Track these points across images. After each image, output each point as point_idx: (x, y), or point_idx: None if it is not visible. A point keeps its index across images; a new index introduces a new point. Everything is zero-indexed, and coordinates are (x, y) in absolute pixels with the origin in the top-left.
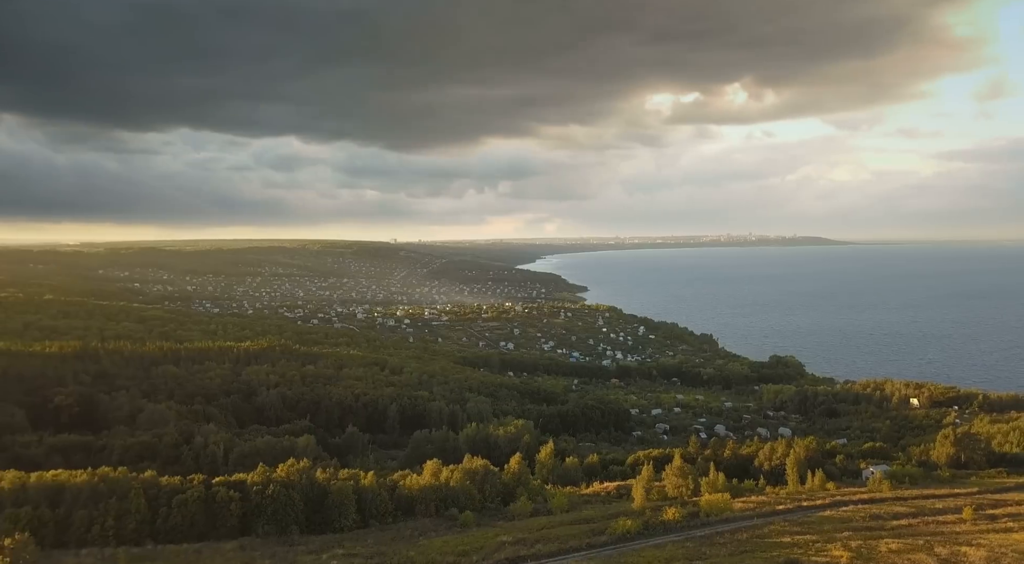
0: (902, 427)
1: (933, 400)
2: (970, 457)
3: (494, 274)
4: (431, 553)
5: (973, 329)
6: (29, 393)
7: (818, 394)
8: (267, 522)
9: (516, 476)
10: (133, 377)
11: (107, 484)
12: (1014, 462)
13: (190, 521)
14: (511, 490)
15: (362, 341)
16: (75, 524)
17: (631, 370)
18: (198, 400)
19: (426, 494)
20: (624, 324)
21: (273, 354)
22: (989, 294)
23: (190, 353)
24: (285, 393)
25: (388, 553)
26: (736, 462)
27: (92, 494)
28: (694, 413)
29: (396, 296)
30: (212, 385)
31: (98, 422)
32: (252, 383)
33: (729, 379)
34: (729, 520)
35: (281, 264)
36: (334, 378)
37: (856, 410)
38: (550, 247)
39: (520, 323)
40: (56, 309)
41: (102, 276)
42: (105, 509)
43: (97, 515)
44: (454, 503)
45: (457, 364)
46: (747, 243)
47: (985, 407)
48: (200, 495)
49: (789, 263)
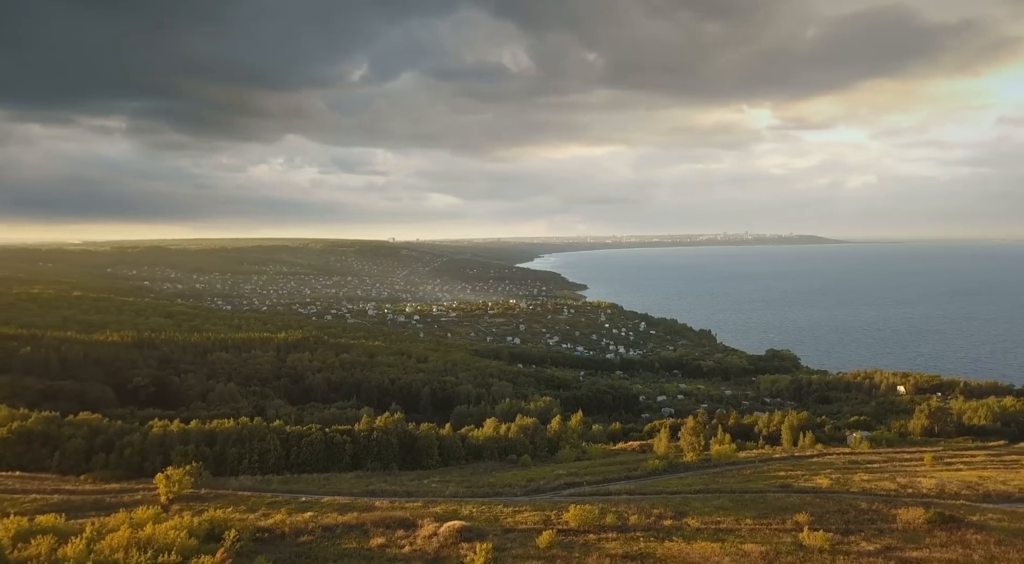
0: (888, 410)
1: (918, 387)
2: (942, 428)
3: (495, 272)
4: (505, 480)
5: (964, 324)
6: (109, 375)
7: (812, 382)
8: (373, 459)
9: (558, 433)
10: (192, 363)
11: (248, 430)
12: (979, 432)
13: (315, 457)
14: (555, 443)
15: (379, 335)
16: (229, 458)
17: (634, 363)
18: (254, 382)
19: (490, 443)
20: (625, 320)
21: (308, 344)
22: (981, 291)
23: (236, 343)
24: (329, 377)
25: (471, 480)
26: (739, 429)
27: (238, 437)
28: (696, 399)
29: (400, 294)
30: (264, 370)
31: (170, 400)
32: (298, 368)
33: (728, 371)
34: (735, 463)
35: (286, 263)
36: (368, 365)
37: (847, 396)
38: (548, 246)
39: (525, 319)
40: (88, 305)
41: (111, 274)
42: (250, 447)
43: (245, 452)
44: (512, 451)
45: (472, 356)
46: (743, 242)
47: (966, 393)
48: (321, 438)
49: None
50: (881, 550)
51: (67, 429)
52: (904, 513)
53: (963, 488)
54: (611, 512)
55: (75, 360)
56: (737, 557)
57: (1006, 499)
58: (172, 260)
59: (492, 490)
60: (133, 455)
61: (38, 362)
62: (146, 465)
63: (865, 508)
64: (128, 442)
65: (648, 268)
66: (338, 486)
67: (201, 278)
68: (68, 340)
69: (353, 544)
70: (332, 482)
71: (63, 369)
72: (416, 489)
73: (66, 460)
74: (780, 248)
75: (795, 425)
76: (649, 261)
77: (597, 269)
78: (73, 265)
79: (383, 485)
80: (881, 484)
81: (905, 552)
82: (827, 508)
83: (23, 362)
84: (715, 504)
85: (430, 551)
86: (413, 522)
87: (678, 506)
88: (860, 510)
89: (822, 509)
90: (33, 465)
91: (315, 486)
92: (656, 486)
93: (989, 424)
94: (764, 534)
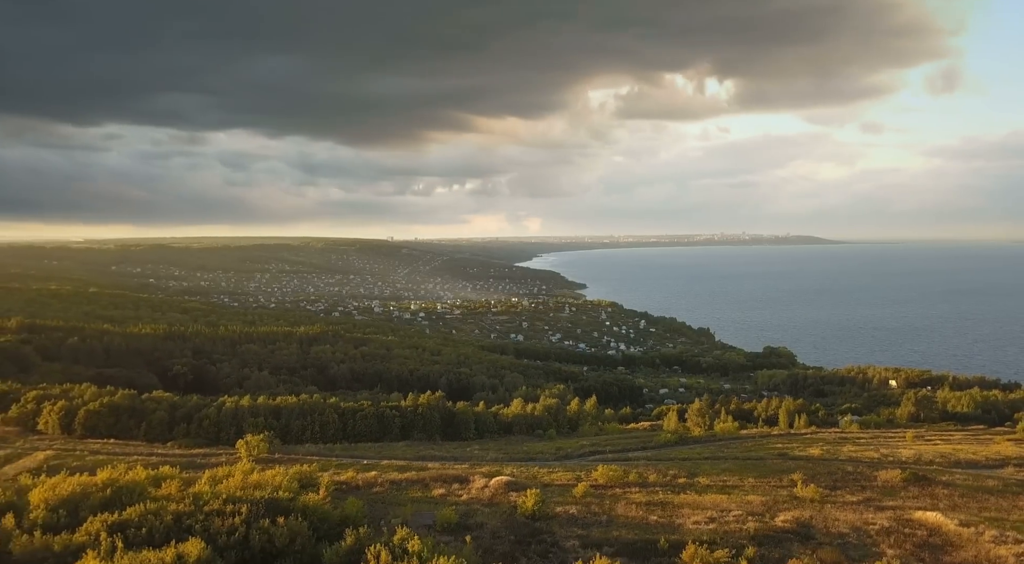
0: (879, 402)
1: (909, 381)
2: (927, 415)
3: (495, 271)
4: (537, 449)
5: (959, 323)
6: (149, 364)
7: (808, 377)
8: (419, 431)
9: (577, 413)
10: (224, 353)
11: (309, 405)
12: (962, 419)
13: (368, 429)
14: (575, 421)
15: (388, 331)
16: (293, 430)
17: (636, 359)
18: (283, 372)
19: (519, 419)
20: (625, 318)
21: (328, 338)
22: (976, 291)
23: (261, 336)
24: (352, 367)
25: (507, 449)
26: (739, 413)
27: (300, 411)
28: (697, 392)
29: (403, 292)
30: (291, 360)
31: (208, 387)
32: (322, 359)
33: (726, 367)
34: (738, 438)
35: (287, 261)
36: (387, 357)
37: (841, 390)
38: (545, 245)
39: (528, 317)
40: (105, 301)
41: (116, 272)
42: (312, 420)
43: (307, 424)
44: (539, 426)
45: (481, 351)
46: (740, 242)
47: (955, 387)
48: (373, 412)
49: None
50: (862, 501)
51: (150, 404)
52: (883, 474)
53: (937, 457)
54: (633, 472)
55: (118, 350)
56: (742, 504)
57: (974, 466)
58: (175, 258)
59: (527, 456)
60: (210, 426)
61: (84, 352)
62: (221, 435)
63: (851, 470)
64: (205, 415)
65: (647, 268)
66: (392, 453)
67: (205, 276)
68: (109, 332)
69: (418, 493)
70: (386, 449)
71: (107, 358)
72: (460, 455)
73: (152, 430)
74: (777, 248)
75: (791, 409)
76: (647, 261)
77: (596, 268)
78: (78, 263)
79: (431, 451)
80: (866, 454)
81: (883, 502)
82: (818, 470)
83: (71, 351)
84: (722, 467)
85: (485, 498)
86: (465, 478)
87: (690, 468)
88: (846, 472)
89: (814, 471)
90: (122, 434)
91: (372, 453)
92: (669, 454)
93: (971, 411)
94: (764, 489)
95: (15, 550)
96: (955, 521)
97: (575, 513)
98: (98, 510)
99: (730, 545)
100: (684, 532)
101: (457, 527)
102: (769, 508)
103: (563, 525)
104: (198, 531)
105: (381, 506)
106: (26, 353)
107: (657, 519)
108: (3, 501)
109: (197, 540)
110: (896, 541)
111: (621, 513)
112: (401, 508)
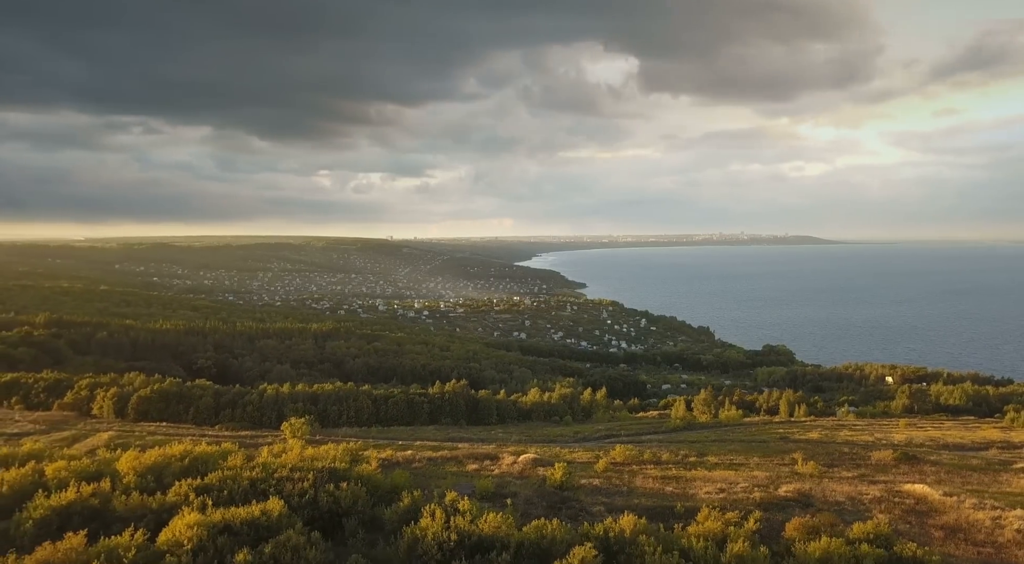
0: (875, 397)
1: (905, 377)
2: (920, 407)
3: (495, 270)
4: (556, 432)
5: (955, 322)
6: (175, 357)
7: (806, 373)
8: (446, 416)
9: (590, 401)
10: (244, 348)
11: (344, 392)
12: (953, 410)
13: (400, 414)
14: (588, 409)
15: (394, 328)
16: (330, 414)
17: (637, 356)
18: (302, 366)
19: (537, 407)
20: (626, 317)
21: (341, 334)
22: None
23: (276, 332)
24: (367, 362)
25: (528, 432)
26: (742, 403)
27: (336, 397)
28: (699, 388)
29: (405, 291)
30: (308, 355)
31: (231, 380)
32: (337, 354)
33: (726, 364)
34: (742, 424)
35: (289, 260)
36: (399, 352)
37: (839, 386)
38: (544, 245)
39: (530, 315)
40: (117, 298)
41: (120, 270)
42: (347, 406)
43: (343, 409)
44: (555, 413)
45: (487, 348)
46: (739, 242)
47: (949, 383)
48: (404, 398)
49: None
50: (857, 476)
51: (196, 391)
52: (876, 454)
53: (927, 441)
54: (647, 452)
55: (144, 344)
56: (748, 478)
57: (960, 448)
58: (177, 257)
59: (547, 438)
60: (253, 411)
61: (113, 346)
62: (264, 419)
63: (847, 451)
64: (248, 401)
65: (647, 267)
66: (423, 435)
67: (208, 274)
68: (134, 328)
69: (454, 468)
70: (417, 432)
71: (134, 352)
72: (486, 437)
73: (199, 414)
74: (776, 248)
75: (791, 400)
76: (646, 260)
77: (595, 268)
78: (82, 261)
79: (459, 434)
80: (861, 437)
81: (875, 477)
82: (817, 451)
83: (100, 346)
84: (729, 448)
85: (515, 472)
86: (495, 456)
87: (699, 449)
88: (843, 453)
89: (813, 452)
90: (172, 419)
91: (405, 435)
92: (679, 438)
93: (963, 404)
94: (768, 466)
95: (118, 507)
96: (940, 492)
97: (598, 485)
98: (180, 477)
99: (739, 509)
100: (697, 500)
101: (494, 495)
102: (773, 481)
103: (588, 494)
104: (272, 493)
105: (423, 478)
106: (59, 347)
107: (672, 490)
108: (94, 469)
109: (276, 499)
110: (886, 508)
111: (640, 485)
112: (441, 480)
